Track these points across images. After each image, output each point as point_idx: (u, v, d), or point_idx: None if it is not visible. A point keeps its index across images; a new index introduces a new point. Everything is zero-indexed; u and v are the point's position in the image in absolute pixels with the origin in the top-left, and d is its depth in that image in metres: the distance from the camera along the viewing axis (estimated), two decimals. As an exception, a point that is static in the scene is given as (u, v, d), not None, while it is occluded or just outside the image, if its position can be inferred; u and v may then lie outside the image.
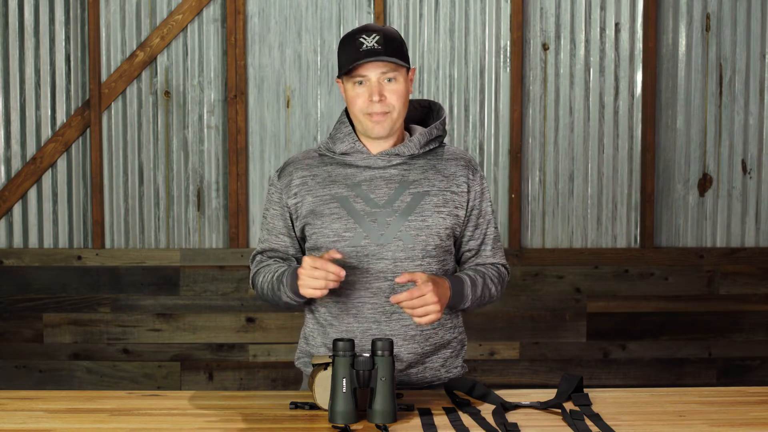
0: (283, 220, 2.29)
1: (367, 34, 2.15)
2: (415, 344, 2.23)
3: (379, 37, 2.14)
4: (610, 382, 4.24)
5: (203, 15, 4.14)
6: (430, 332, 2.24)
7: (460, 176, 2.26)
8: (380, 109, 2.16)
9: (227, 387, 4.18)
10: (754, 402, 2.14)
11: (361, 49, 2.14)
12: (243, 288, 4.17)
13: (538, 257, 4.22)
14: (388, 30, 2.18)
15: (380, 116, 2.18)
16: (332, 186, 2.22)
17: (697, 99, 4.25)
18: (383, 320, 2.20)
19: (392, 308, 2.20)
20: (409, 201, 2.20)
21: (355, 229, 2.19)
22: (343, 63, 2.18)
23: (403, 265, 2.19)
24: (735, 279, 4.26)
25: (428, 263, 2.21)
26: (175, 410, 2.07)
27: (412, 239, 2.19)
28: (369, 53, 2.13)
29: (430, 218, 2.20)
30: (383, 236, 2.18)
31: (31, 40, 4.12)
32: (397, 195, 2.20)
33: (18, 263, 4.14)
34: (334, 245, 2.19)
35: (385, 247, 2.18)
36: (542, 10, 4.20)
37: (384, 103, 2.16)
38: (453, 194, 2.24)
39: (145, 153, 4.17)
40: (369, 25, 2.20)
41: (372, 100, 2.15)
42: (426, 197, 2.21)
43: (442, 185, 2.24)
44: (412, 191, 2.21)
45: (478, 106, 4.21)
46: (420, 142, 2.24)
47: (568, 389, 2.12)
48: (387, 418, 1.94)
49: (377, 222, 2.19)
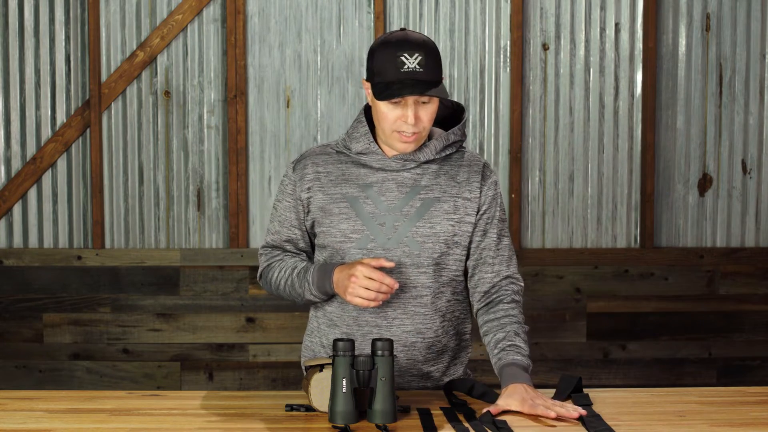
0: (296, 212, 2.26)
1: (410, 52, 2.08)
2: (415, 351, 2.21)
3: (421, 58, 2.08)
4: (610, 382, 4.24)
5: (203, 15, 4.14)
6: (432, 339, 2.22)
7: (473, 182, 2.21)
8: (412, 130, 2.11)
9: (227, 387, 4.18)
10: (754, 402, 2.14)
11: (402, 69, 2.08)
12: (243, 288, 4.17)
13: (538, 257, 4.22)
14: (429, 45, 2.11)
15: (410, 138, 2.13)
16: (344, 185, 2.20)
17: (697, 99, 4.25)
18: (384, 325, 2.19)
19: (394, 314, 2.18)
20: (418, 206, 2.17)
21: (363, 231, 2.17)
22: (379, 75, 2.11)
23: (408, 272, 2.17)
24: (735, 279, 4.26)
25: (434, 271, 2.18)
26: (175, 410, 2.07)
27: (418, 246, 2.16)
28: (411, 76, 2.07)
29: (438, 225, 2.17)
30: (390, 240, 2.16)
31: (31, 40, 4.12)
32: (407, 199, 2.17)
33: (18, 263, 4.14)
34: (340, 246, 2.18)
35: (390, 251, 2.16)
36: (542, 10, 4.20)
37: (417, 125, 2.12)
38: (465, 200, 2.19)
39: (145, 153, 4.17)
40: (410, 36, 2.12)
41: (407, 122, 2.10)
42: (436, 203, 2.18)
43: (454, 191, 2.19)
44: (422, 197, 2.18)
45: (478, 106, 4.21)
46: (436, 148, 2.20)
47: (567, 389, 2.12)
48: (387, 418, 1.94)
49: (385, 226, 2.16)
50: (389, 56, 2.09)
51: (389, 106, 2.11)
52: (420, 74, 2.08)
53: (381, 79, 2.10)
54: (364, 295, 2.05)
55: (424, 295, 2.19)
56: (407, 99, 2.10)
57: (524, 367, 2.10)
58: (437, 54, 2.13)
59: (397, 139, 2.14)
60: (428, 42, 2.12)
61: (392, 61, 2.09)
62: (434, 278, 2.19)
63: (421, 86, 2.07)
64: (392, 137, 2.14)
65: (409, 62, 2.08)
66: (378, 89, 2.11)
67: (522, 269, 4.19)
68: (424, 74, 2.08)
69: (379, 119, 2.15)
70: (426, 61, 2.08)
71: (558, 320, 4.23)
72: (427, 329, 2.20)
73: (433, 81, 2.10)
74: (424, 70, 2.08)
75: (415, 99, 2.10)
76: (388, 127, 2.13)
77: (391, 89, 2.08)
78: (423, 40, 2.12)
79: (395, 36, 2.13)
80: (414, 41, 2.10)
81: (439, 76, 2.12)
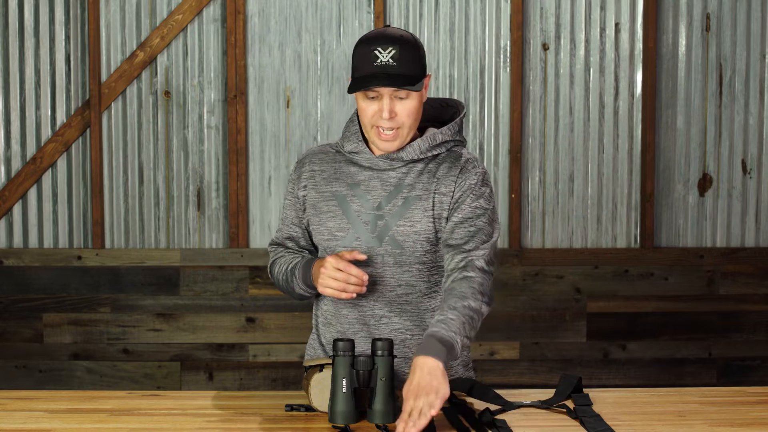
0: (295, 210, 2.29)
1: (383, 46, 2.07)
2: (405, 349, 2.21)
3: (395, 52, 2.07)
4: (610, 382, 4.24)
5: (203, 15, 4.14)
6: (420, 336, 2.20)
7: (450, 176, 2.18)
8: (389, 125, 2.11)
9: (227, 387, 4.18)
10: (754, 402, 2.14)
11: (375, 63, 2.07)
12: (243, 288, 4.17)
13: (538, 257, 4.22)
14: (405, 40, 2.10)
15: (389, 136, 2.13)
16: (334, 183, 2.22)
17: (697, 99, 4.25)
18: (372, 323, 2.20)
19: (381, 312, 2.19)
20: (400, 205, 2.17)
21: (348, 230, 2.18)
22: (356, 71, 2.12)
23: (392, 270, 2.17)
24: (735, 279, 4.26)
25: (418, 270, 2.19)
26: (175, 410, 2.07)
27: (400, 245, 2.16)
28: (383, 70, 2.07)
29: (419, 223, 2.16)
30: (374, 239, 2.17)
31: (31, 40, 4.12)
32: (390, 198, 2.17)
33: (18, 263, 4.14)
34: (327, 244, 2.20)
35: (375, 250, 2.17)
36: (542, 10, 4.20)
37: (394, 120, 2.11)
38: (441, 195, 2.17)
39: (145, 153, 4.17)
40: (387, 31, 2.11)
41: (382, 116, 2.10)
42: (417, 201, 2.17)
43: (433, 187, 2.18)
44: (404, 195, 2.17)
45: (478, 106, 4.21)
46: (421, 148, 2.18)
47: (567, 389, 2.12)
48: (387, 418, 1.94)
49: (369, 224, 2.17)
50: (364, 50, 2.10)
51: (366, 102, 2.12)
52: (393, 68, 2.06)
53: (357, 74, 2.11)
54: (333, 286, 2.07)
55: (410, 293, 2.19)
56: (383, 94, 2.09)
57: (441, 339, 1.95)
58: (417, 50, 2.11)
59: (376, 135, 2.14)
60: (407, 37, 2.11)
61: (367, 56, 2.09)
62: (421, 277, 2.19)
63: (393, 79, 2.06)
64: (372, 133, 2.15)
65: (382, 56, 2.07)
66: (352, 84, 2.12)
67: (522, 269, 4.19)
68: (397, 68, 2.06)
69: (360, 115, 2.16)
70: (401, 56, 2.07)
71: (558, 320, 4.23)
72: (415, 326, 2.21)
73: (409, 75, 2.08)
74: (397, 64, 2.07)
75: (391, 94, 2.09)
76: (367, 123, 2.14)
77: (361, 82, 2.08)
78: (401, 35, 2.11)
79: (374, 32, 2.14)
80: (390, 36, 2.09)
81: (416, 71, 2.09)
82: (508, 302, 4.20)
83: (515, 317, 4.22)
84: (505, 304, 4.19)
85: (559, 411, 2.06)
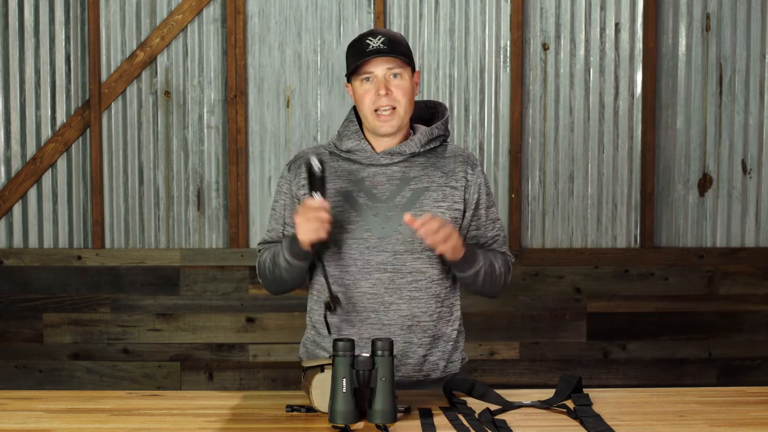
0: (291, 210, 2.34)
1: (373, 36, 2.25)
2: (411, 335, 2.26)
3: (385, 39, 2.24)
4: (610, 382, 4.24)
5: (203, 15, 4.14)
6: (428, 323, 2.28)
7: (458, 172, 2.32)
8: (387, 103, 2.23)
9: (227, 387, 4.18)
10: (754, 402, 2.14)
11: (367, 49, 2.23)
12: (243, 288, 4.17)
13: (538, 257, 4.22)
14: (393, 33, 2.28)
15: (387, 116, 2.25)
16: (337, 181, 2.29)
17: (697, 99, 4.25)
18: (381, 310, 2.25)
19: (391, 299, 2.24)
20: (409, 196, 2.26)
21: (358, 222, 2.25)
22: (351, 63, 2.27)
23: (403, 258, 2.25)
24: (735, 279, 4.26)
25: (427, 257, 2.26)
26: (175, 410, 2.07)
27: (411, 233, 2.22)
28: (375, 52, 2.22)
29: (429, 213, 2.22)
30: (384, 230, 2.24)
31: (31, 40, 4.12)
32: (399, 191, 2.27)
33: (18, 263, 4.14)
34: (336, 237, 2.25)
35: (385, 240, 2.24)
36: (542, 10, 4.20)
37: (390, 96, 2.24)
38: (452, 189, 2.30)
39: (145, 153, 4.17)
40: (375, 29, 2.31)
41: (379, 94, 2.23)
42: (426, 193, 2.27)
43: (442, 181, 2.29)
44: (412, 187, 2.27)
45: (478, 106, 4.21)
46: (421, 141, 2.30)
47: (567, 389, 2.12)
48: (387, 418, 1.94)
49: (379, 216, 2.25)
50: (356, 44, 2.27)
51: (363, 85, 2.26)
52: (384, 50, 2.22)
53: (351, 63, 2.27)
54: (307, 227, 2.12)
55: (420, 280, 2.26)
56: (377, 73, 2.23)
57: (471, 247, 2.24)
58: (405, 44, 2.28)
59: (376, 119, 2.25)
60: (396, 34, 2.29)
61: (359, 47, 2.25)
62: (431, 264, 2.27)
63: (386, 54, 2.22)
64: (372, 119, 2.26)
65: (374, 42, 2.24)
66: (349, 72, 2.26)
67: (522, 269, 4.19)
68: (388, 50, 2.22)
69: (359, 105, 2.28)
70: (390, 42, 2.24)
71: (558, 320, 4.23)
72: (422, 313, 2.27)
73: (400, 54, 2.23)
74: (388, 47, 2.23)
75: (385, 73, 2.23)
76: (366, 108, 2.26)
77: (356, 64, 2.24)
78: (390, 31, 2.29)
79: (364, 31, 2.32)
80: (378, 30, 2.28)
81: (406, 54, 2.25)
82: (508, 302, 4.20)
83: (515, 317, 4.22)
84: (505, 304, 4.19)
85: (559, 411, 2.06)
